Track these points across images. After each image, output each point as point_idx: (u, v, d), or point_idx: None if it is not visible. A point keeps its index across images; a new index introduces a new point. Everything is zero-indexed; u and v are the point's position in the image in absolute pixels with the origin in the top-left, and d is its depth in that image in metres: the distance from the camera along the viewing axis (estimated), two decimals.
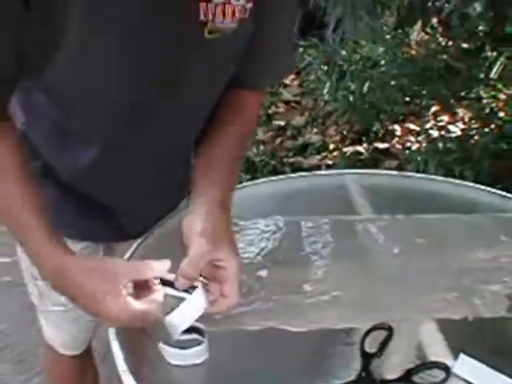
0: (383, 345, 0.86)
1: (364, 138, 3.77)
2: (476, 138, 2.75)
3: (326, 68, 3.48)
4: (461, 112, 3.56)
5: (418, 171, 2.42)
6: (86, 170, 1.07)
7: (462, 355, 0.83)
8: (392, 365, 0.85)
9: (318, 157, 3.77)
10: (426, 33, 3.49)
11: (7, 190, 0.92)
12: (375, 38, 3.47)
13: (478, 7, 2.73)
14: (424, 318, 0.97)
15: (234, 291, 0.87)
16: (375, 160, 3.54)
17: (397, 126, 3.77)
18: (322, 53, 3.52)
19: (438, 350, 0.89)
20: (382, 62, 2.79)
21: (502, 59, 2.82)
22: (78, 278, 0.86)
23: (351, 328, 0.95)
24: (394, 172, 1.62)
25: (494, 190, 1.46)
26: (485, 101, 3.17)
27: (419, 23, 3.16)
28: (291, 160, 3.77)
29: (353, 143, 3.80)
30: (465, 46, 3.16)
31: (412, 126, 3.77)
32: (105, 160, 1.06)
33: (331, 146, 3.83)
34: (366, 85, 2.74)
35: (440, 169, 2.33)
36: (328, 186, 1.55)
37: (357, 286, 1.06)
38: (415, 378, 0.81)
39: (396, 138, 3.73)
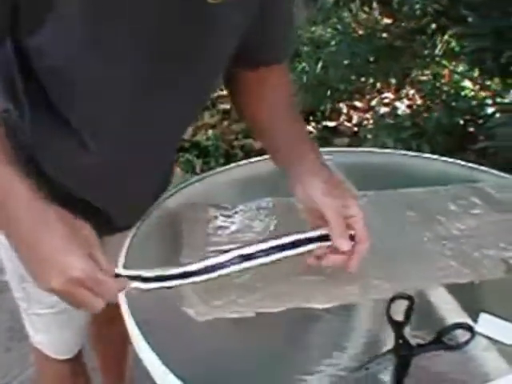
0: (408, 313, 0.91)
1: (311, 118, 3.84)
2: (425, 114, 2.84)
3: None
4: (406, 89, 3.67)
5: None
6: (85, 164, 1.05)
7: (482, 314, 0.89)
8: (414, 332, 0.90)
9: None
10: (365, 12, 3.56)
11: None
12: (317, 19, 3.54)
13: None
14: (434, 286, 1.02)
15: (366, 234, 0.94)
16: (325, 138, 3.61)
17: (342, 105, 3.86)
18: None
19: (454, 313, 0.94)
20: (333, 42, 2.84)
21: (445, 37, 2.92)
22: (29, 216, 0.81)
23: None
24: (365, 149, 1.67)
25: (462, 163, 1.54)
26: (430, 77, 3.27)
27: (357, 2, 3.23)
28: (241, 143, 3.81)
29: None
30: (403, 24, 3.25)
31: (359, 104, 3.86)
32: (108, 153, 1.04)
33: None
34: (320, 65, 2.79)
35: (399, 144, 2.41)
36: None
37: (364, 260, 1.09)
38: (445, 340, 0.86)
39: (343, 116, 3.82)
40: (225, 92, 3.73)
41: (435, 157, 1.58)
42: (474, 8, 2.09)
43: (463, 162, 1.54)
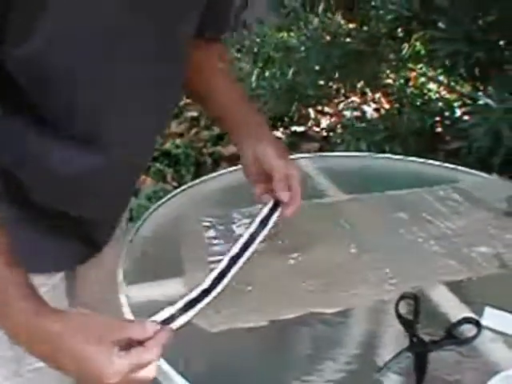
0: (416, 312, 0.94)
1: (280, 123, 3.87)
2: (395, 117, 2.90)
3: (239, 55, 3.55)
4: (372, 93, 3.74)
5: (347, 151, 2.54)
6: (78, 175, 0.97)
7: (487, 309, 0.93)
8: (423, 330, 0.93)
9: None
10: (328, 18, 3.61)
11: None
12: (285, 25, 3.58)
13: None
14: (433, 283, 1.05)
15: (299, 189, 1.07)
16: (294, 143, 3.64)
17: (311, 110, 3.90)
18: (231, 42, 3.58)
19: (457, 310, 0.98)
20: (302, 48, 2.88)
21: (412, 41, 2.99)
22: (61, 339, 0.76)
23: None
24: (348, 153, 1.71)
25: (441, 164, 1.60)
26: (398, 81, 3.34)
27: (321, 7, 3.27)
28: (210, 150, 3.81)
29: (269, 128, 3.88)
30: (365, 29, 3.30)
31: (326, 109, 3.91)
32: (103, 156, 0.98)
33: None
34: (291, 71, 2.82)
35: (372, 147, 2.45)
36: None
37: (359, 263, 1.12)
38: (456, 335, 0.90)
39: (311, 121, 3.86)
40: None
41: (412, 158, 1.63)
42: (446, 13, 2.15)
43: (441, 163, 1.60)
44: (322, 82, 2.97)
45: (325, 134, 3.69)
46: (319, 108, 3.86)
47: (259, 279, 1.06)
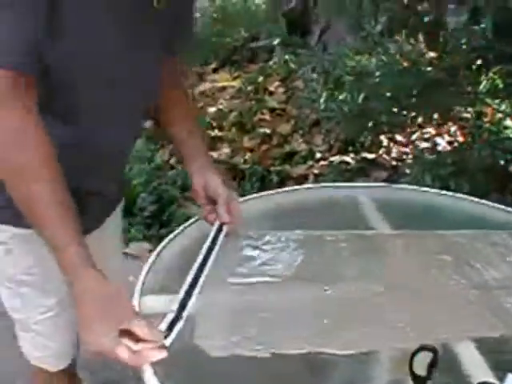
0: (431, 368, 0.86)
1: (350, 148, 3.80)
2: (467, 152, 2.79)
3: (315, 76, 3.50)
4: (447, 125, 3.62)
5: (412, 183, 2.45)
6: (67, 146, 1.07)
7: (510, 375, 0.84)
8: None
9: (305, 166, 3.79)
10: (410, 44, 3.52)
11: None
12: (363, 49, 3.51)
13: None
14: (461, 337, 0.97)
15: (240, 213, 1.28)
16: (363, 170, 3.57)
17: (383, 137, 3.81)
18: (308, 61, 3.54)
19: (480, 370, 0.90)
20: (377, 73, 2.81)
21: (490, 74, 2.87)
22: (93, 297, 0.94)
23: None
24: (406, 186, 1.64)
25: (502, 207, 1.49)
26: (473, 114, 3.22)
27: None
28: (278, 168, 3.78)
29: (339, 152, 3.82)
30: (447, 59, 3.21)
31: (399, 138, 3.81)
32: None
33: (318, 155, 3.85)
34: (362, 95, 2.76)
35: (437, 181, 2.36)
36: (338, 198, 1.56)
37: (388, 304, 1.06)
38: None
39: (383, 149, 3.77)
40: (266, 116, 3.72)
41: (472, 198, 1.54)
42: None
43: (505, 207, 1.50)
44: (395, 110, 2.88)
45: (394, 162, 3.59)
46: (391, 136, 3.77)
47: (275, 308, 1.03)
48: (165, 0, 1.15)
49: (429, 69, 2.97)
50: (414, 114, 3.20)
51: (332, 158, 3.76)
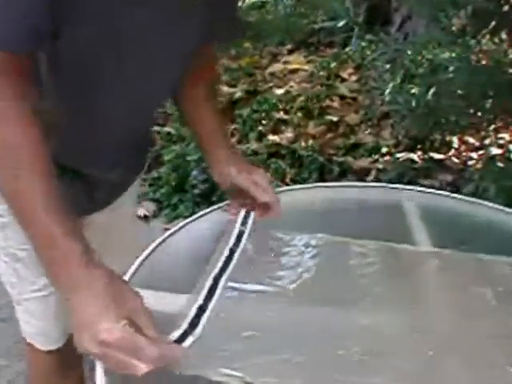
0: None
1: (419, 146, 3.57)
2: None
3: (388, 67, 3.30)
4: None
5: (475, 193, 2.23)
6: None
7: None
8: None
9: (369, 159, 3.60)
10: (494, 42, 3.27)
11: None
12: (444, 42, 3.28)
13: None
14: None
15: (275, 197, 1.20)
16: (429, 171, 3.34)
17: (454, 138, 3.57)
18: (385, 50, 3.35)
19: None
20: (451, 68, 2.58)
21: None
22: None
23: None
24: (458, 195, 1.45)
25: None
26: None
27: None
28: (340, 159, 3.60)
29: (406, 149, 3.61)
30: None
31: (471, 140, 3.56)
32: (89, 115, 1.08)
33: (384, 150, 3.64)
34: (432, 91, 2.54)
35: (501, 194, 2.13)
36: (380, 201, 1.41)
37: (407, 349, 0.89)
38: None
39: (452, 151, 3.53)
40: (334, 103, 3.53)
41: None
42: None
43: None
44: (469, 110, 2.65)
45: (462, 166, 3.35)
46: (462, 137, 3.52)
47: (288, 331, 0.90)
48: None
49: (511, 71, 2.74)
50: (491, 116, 2.96)
51: (398, 155, 3.55)
